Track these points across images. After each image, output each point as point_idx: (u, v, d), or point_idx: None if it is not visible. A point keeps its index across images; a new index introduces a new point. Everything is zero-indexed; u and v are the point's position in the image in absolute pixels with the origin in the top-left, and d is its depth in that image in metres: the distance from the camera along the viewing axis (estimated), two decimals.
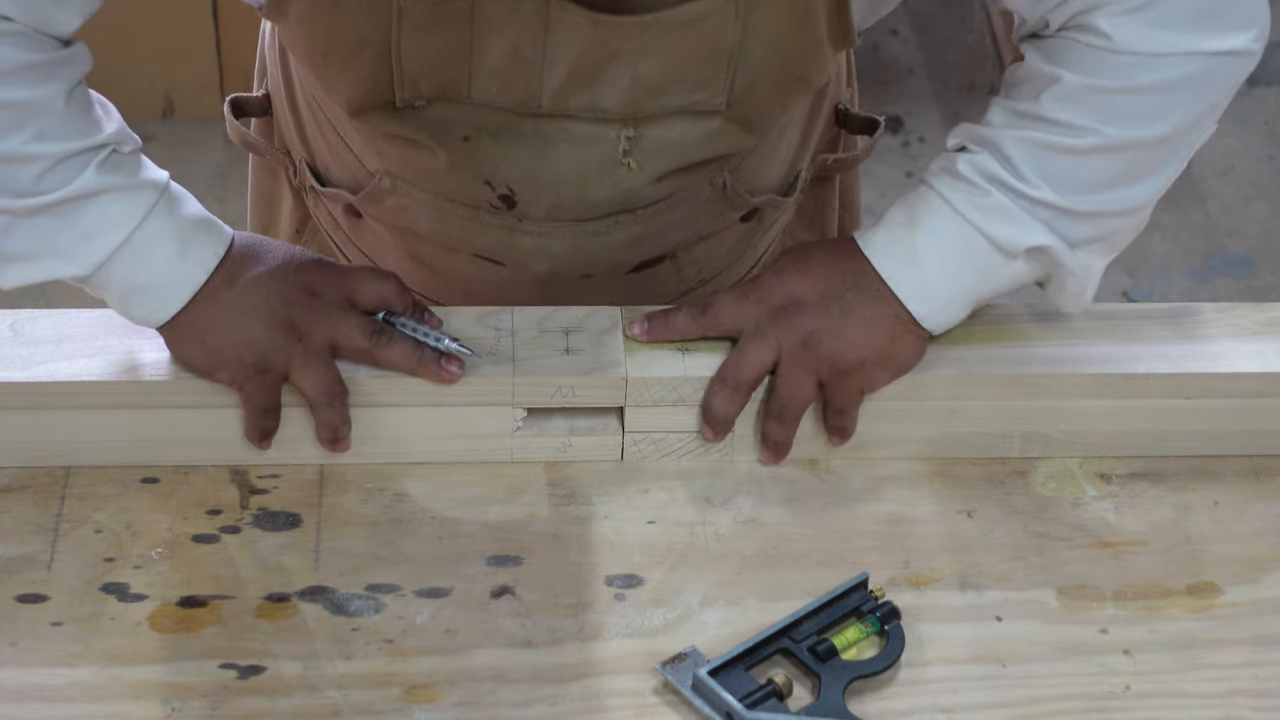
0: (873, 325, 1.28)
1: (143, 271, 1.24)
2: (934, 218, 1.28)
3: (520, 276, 1.42)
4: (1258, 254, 3.26)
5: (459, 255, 1.43)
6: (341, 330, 1.26)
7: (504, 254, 1.40)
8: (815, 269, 1.29)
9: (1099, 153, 1.25)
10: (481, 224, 1.38)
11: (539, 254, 1.39)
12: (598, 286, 1.42)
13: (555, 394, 1.29)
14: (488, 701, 1.16)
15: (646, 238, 1.40)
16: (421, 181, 1.37)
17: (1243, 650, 1.21)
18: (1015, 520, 1.30)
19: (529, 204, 1.35)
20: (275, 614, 1.20)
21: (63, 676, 1.16)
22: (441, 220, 1.39)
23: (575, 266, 1.40)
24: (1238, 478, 1.34)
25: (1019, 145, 1.26)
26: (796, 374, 1.28)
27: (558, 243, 1.38)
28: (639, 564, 1.25)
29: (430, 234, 1.41)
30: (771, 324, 1.28)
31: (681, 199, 1.39)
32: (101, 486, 1.28)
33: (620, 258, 1.41)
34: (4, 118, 1.19)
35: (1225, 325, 1.36)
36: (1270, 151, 3.49)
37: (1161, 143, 1.26)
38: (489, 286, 1.43)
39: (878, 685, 1.18)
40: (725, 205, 1.42)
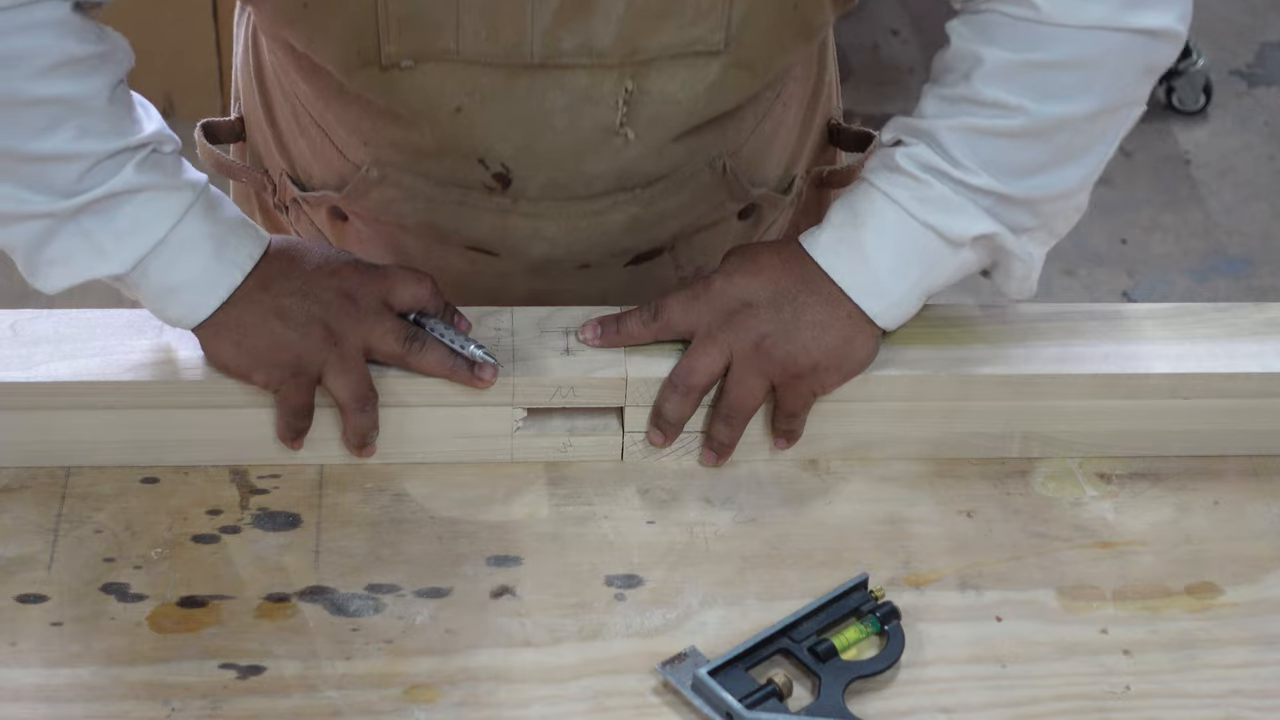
0: (825, 327, 1.27)
1: (178, 271, 1.24)
2: (878, 214, 1.28)
3: (515, 268, 1.40)
4: (1257, 254, 3.26)
5: (450, 249, 1.41)
6: (376, 335, 1.26)
7: (498, 242, 1.39)
8: (765, 270, 1.29)
9: (1030, 135, 1.25)
10: (474, 209, 1.37)
11: (534, 238, 1.38)
12: (595, 279, 1.41)
13: (555, 394, 1.29)
14: (488, 701, 1.16)
15: (645, 223, 1.39)
16: (411, 166, 1.36)
17: (1243, 650, 1.21)
18: (1015, 520, 1.30)
19: (524, 181, 1.34)
20: (275, 614, 1.20)
21: (63, 676, 1.16)
22: (431, 209, 1.38)
23: (572, 253, 1.39)
24: (1238, 478, 1.34)
25: (954, 134, 1.26)
26: (748, 378, 1.27)
27: (553, 225, 1.37)
28: (639, 564, 1.25)
29: (420, 226, 1.40)
30: (723, 328, 1.27)
31: (680, 181, 1.37)
32: (101, 486, 1.28)
33: (618, 244, 1.40)
34: (47, 114, 1.19)
35: (1225, 325, 1.36)
36: (1270, 151, 3.49)
37: (1089, 121, 1.26)
38: (483, 282, 1.42)
39: (878, 685, 1.18)
40: (724, 193, 1.41)
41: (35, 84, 1.18)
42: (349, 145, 1.39)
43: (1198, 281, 3.18)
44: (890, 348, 1.32)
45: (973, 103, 1.25)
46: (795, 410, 1.29)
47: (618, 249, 1.40)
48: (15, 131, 1.19)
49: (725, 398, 1.28)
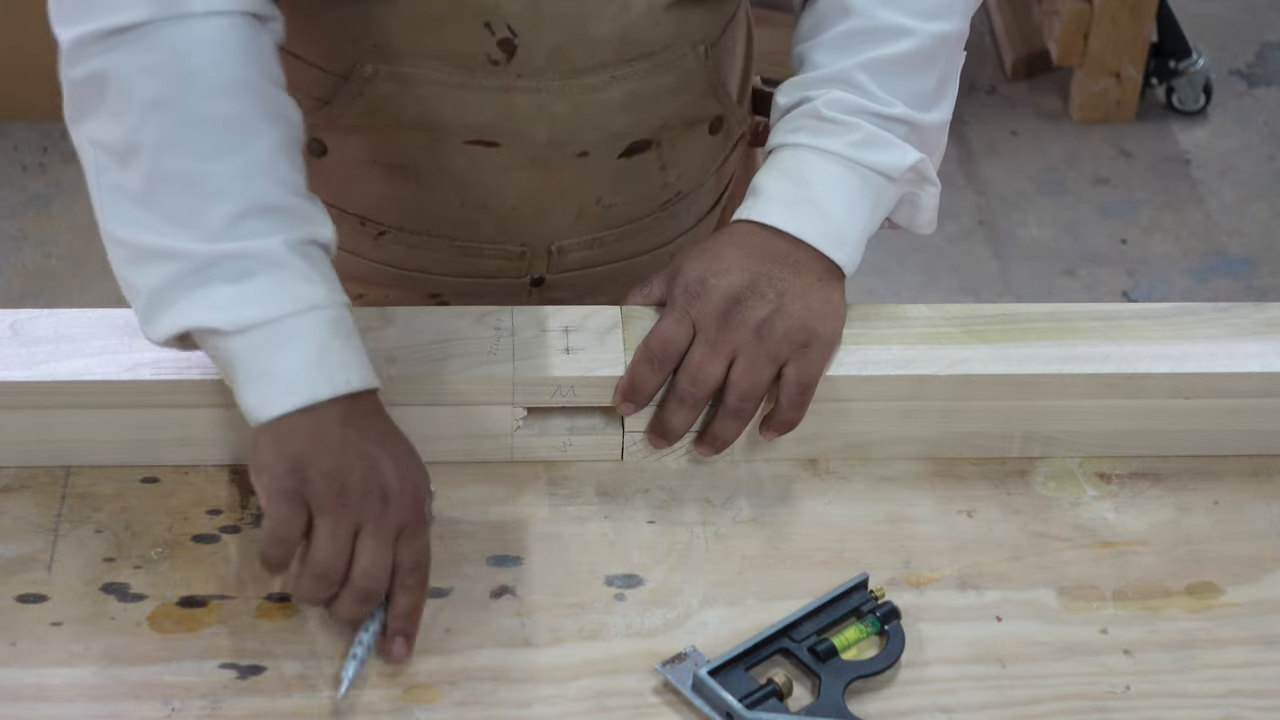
0: (806, 294, 1.29)
1: (280, 356, 1.17)
2: (819, 169, 1.32)
3: (515, 160, 1.38)
4: (1257, 254, 3.26)
5: (449, 147, 1.38)
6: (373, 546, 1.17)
7: (500, 127, 1.37)
8: (730, 263, 1.30)
9: (921, 59, 1.33)
10: (477, 89, 1.34)
11: (538, 118, 1.36)
12: (590, 173, 1.40)
13: (555, 393, 1.29)
14: (488, 701, 1.16)
15: (640, 101, 1.38)
16: (413, 47, 1.33)
17: (1243, 650, 1.21)
18: (1015, 520, 1.30)
19: (529, 49, 1.33)
20: (275, 614, 1.20)
21: (63, 676, 1.16)
22: (433, 97, 1.35)
23: (573, 135, 1.38)
24: (1238, 478, 1.34)
25: (862, 70, 1.32)
26: (756, 365, 1.28)
27: (557, 102, 1.35)
28: (639, 564, 1.25)
29: (417, 122, 1.37)
30: (721, 331, 1.28)
31: (670, 60, 1.37)
32: (102, 486, 1.28)
33: (615, 127, 1.39)
34: (220, 136, 1.16)
35: (1225, 325, 1.36)
36: (1270, 151, 3.49)
37: (956, 40, 1.36)
38: (482, 180, 1.40)
39: (878, 685, 1.18)
40: (704, 84, 1.41)
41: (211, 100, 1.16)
42: (334, 52, 1.35)
43: (1198, 281, 3.18)
44: (890, 347, 1.32)
45: (866, 34, 1.32)
46: (809, 381, 1.29)
47: (614, 132, 1.39)
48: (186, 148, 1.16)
49: (734, 389, 1.28)
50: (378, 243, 1.45)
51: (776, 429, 1.30)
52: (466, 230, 1.43)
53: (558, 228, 1.44)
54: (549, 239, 1.44)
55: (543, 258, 1.45)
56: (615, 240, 1.46)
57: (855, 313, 1.36)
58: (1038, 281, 3.15)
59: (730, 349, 1.28)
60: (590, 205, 1.42)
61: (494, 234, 1.43)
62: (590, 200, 1.41)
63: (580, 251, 1.46)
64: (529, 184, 1.40)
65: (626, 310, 1.33)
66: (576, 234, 1.44)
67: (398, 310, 1.33)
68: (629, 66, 1.36)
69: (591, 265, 1.47)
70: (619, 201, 1.42)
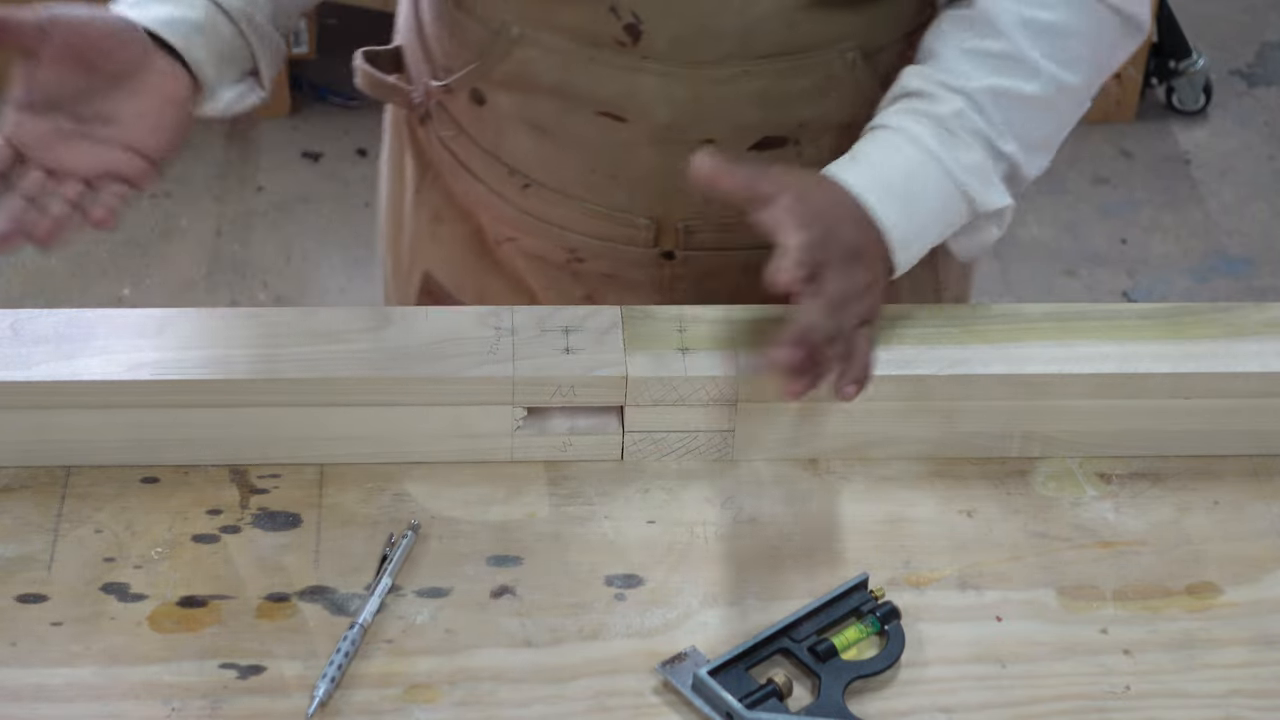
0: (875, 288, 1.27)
1: None
2: (927, 176, 1.30)
3: (640, 136, 1.40)
4: (1257, 254, 3.26)
5: (581, 115, 1.41)
6: None
7: (626, 103, 1.39)
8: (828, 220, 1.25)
9: (1044, 103, 1.32)
10: (605, 66, 1.37)
11: (660, 99, 1.38)
12: None
13: (555, 393, 1.29)
14: (488, 701, 1.16)
15: (771, 101, 1.39)
16: (547, 19, 1.37)
17: (1243, 650, 1.21)
18: (1015, 520, 1.30)
19: (653, 36, 1.35)
20: (275, 614, 1.21)
21: (63, 676, 1.16)
22: (566, 68, 1.39)
23: (696, 121, 1.39)
24: (1238, 478, 1.34)
25: (988, 96, 1.31)
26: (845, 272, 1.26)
27: (679, 87, 1.37)
28: (639, 564, 1.25)
29: (554, 88, 1.40)
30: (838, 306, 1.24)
31: (809, 65, 1.38)
32: (102, 486, 1.28)
33: (743, 119, 1.40)
34: None
35: (1225, 325, 1.36)
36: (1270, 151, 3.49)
37: (1081, 94, 1.35)
38: (609, 150, 1.42)
39: (878, 685, 1.18)
40: (855, 92, 1.40)
41: None
42: (490, 14, 1.40)
43: (1198, 281, 3.19)
44: (890, 348, 1.32)
45: (1004, 60, 1.31)
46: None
47: (743, 125, 1.40)
48: None
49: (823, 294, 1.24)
50: (523, 193, 1.48)
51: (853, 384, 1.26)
52: (599, 195, 1.46)
53: (686, 207, 1.45)
54: (677, 217, 1.46)
55: (671, 234, 1.47)
56: (746, 228, 1.44)
57: None
58: (1038, 281, 3.15)
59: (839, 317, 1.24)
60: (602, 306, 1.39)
61: (625, 203, 1.45)
62: None
63: (709, 234, 1.47)
64: (655, 161, 1.42)
65: (626, 310, 1.33)
66: (705, 216, 1.45)
67: (397, 310, 1.33)
68: (759, 63, 1.37)
69: (722, 248, 1.47)
70: None
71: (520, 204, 1.49)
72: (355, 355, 1.29)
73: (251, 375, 1.28)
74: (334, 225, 3.23)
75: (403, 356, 1.29)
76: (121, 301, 3.06)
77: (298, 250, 3.17)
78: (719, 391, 1.30)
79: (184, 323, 1.31)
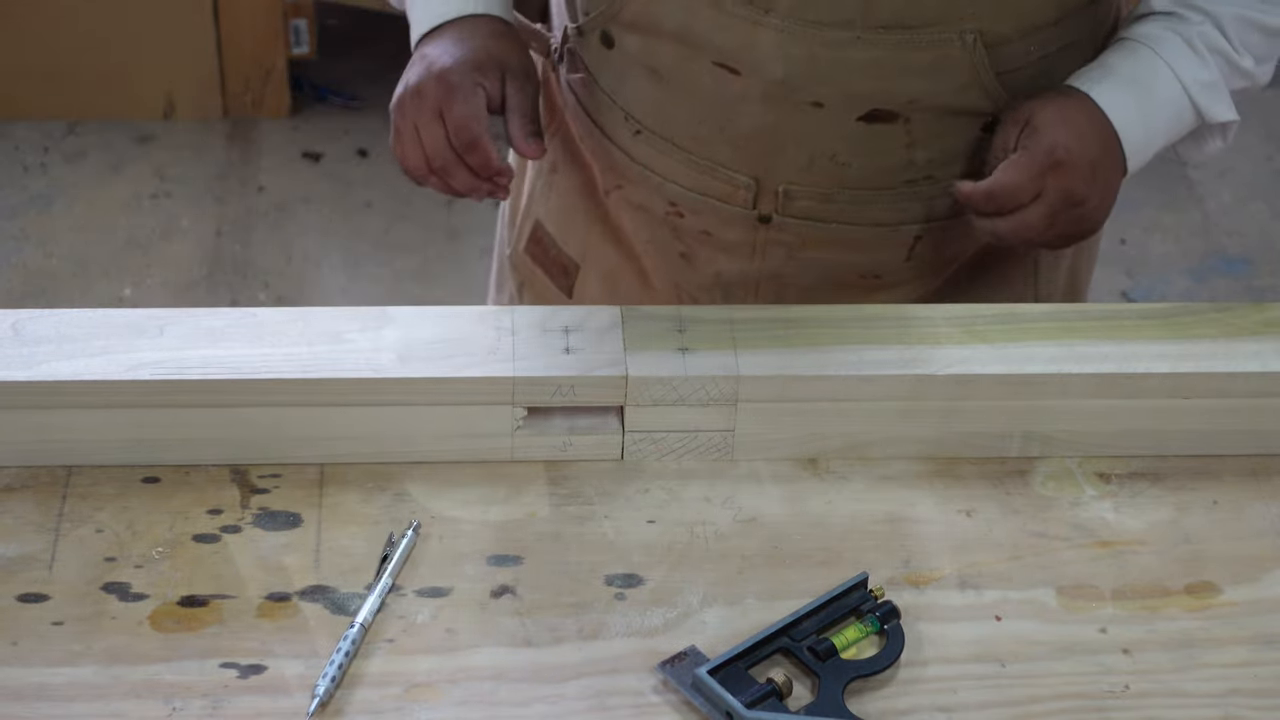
0: (1111, 192, 1.42)
1: None
2: (1167, 89, 1.42)
3: (752, 91, 1.42)
4: (1256, 254, 3.26)
5: (698, 64, 1.43)
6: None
7: (742, 56, 1.41)
8: (1090, 142, 1.40)
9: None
10: (726, 15, 1.39)
11: (775, 56, 1.40)
12: (824, 125, 1.43)
13: (555, 393, 1.29)
14: (488, 701, 1.16)
15: (884, 70, 1.40)
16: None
17: (1242, 650, 1.21)
18: (1015, 520, 1.30)
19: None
20: (276, 613, 1.21)
21: (64, 676, 1.16)
22: (689, 13, 1.41)
23: (810, 80, 1.40)
24: (1237, 478, 1.34)
25: (1235, 22, 1.43)
26: (1036, 211, 1.39)
27: (797, 45, 1.39)
28: (639, 564, 1.25)
29: (675, 34, 1.43)
30: (1061, 212, 1.39)
31: (925, 40, 1.39)
32: (102, 486, 1.28)
33: (854, 88, 1.41)
34: None
35: (1225, 325, 1.36)
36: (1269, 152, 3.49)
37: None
38: (720, 103, 1.44)
39: (877, 685, 1.18)
40: (970, 74, 1.41)
41: None
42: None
43: (1197, 281, 3.19)
44: (890, 347, 1.32)
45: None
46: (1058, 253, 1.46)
47: (854, 93, 1.41)
48: None
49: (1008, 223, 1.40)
50: (634, 139, 1.51)
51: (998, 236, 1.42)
52: (704, 148, 1.48)
53: (788, 170, 1.46)
54: (778, 180, 1.47)
55: (770, 196, 1.48)
56: (849, 202, 1.48)
57: (855, 313, 1.36)
58: None
59: (1059, 222, 1.39)
60: (822, 158, 1.44)
61: (728, 159, 1.47)
62: (823, 153, 1.44)
63: (808, 201, 1.48)
64: (763, 119, 1.43)
65: (626, 310, 1.34)
66: (805, 182, 1.47)
67: (398, 310, 1.33)
68: (877, 34, 1.38)
69: (820, 219, 1.49)
70: (854, 163, 1.44)
71: (630, 150, 1.52)
72: (356, 355, 1.29)
73: (251, 375, 1.28)
74: (334, 225, 3.23)
75: (403, 356, 1.29)
76: (122, 301, 3.06)
77: (298, 250, 3.17)
78: (719, 391, 1.30)
79: (184, 322, 1.31)
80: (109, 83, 3.34)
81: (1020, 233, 1.39)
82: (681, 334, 1.33)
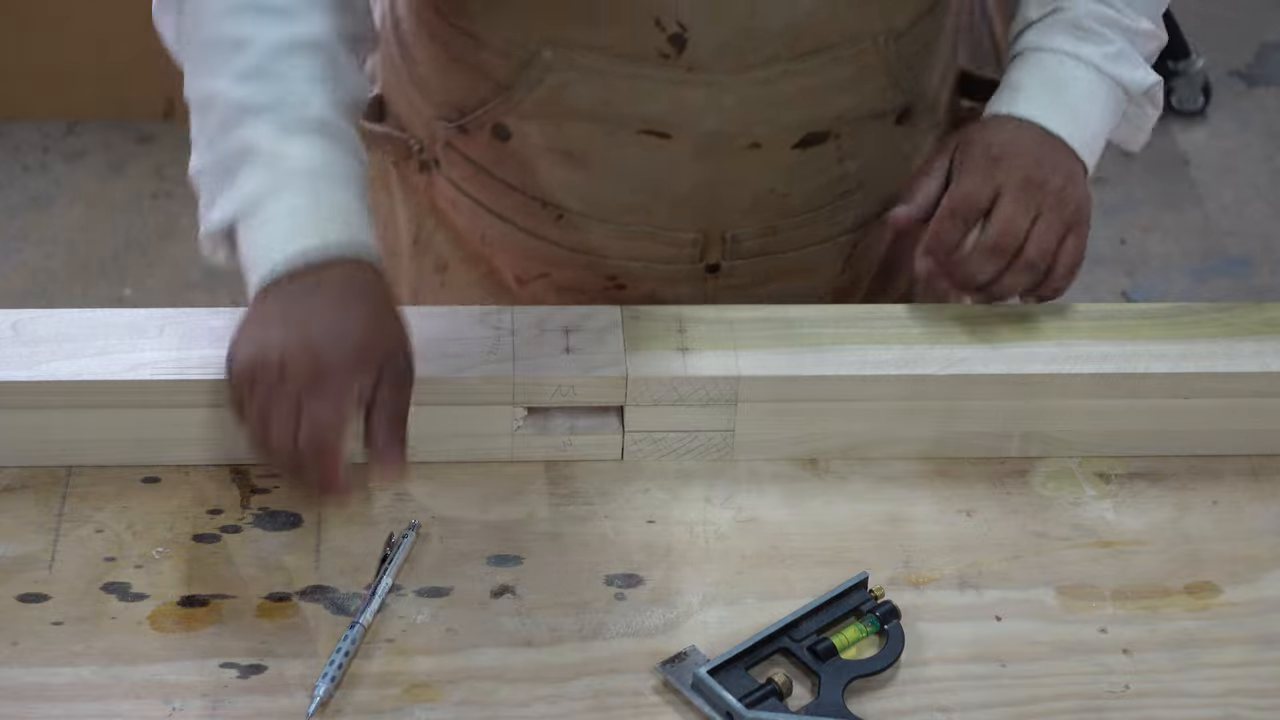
0: (1081, 180, 1.36)
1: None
2: (1077, 78, 1.38)
3: (685, 151, 1.39)
4: (1256, 254, 3.26)
5: (622, 136, 1.40)
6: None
7: (671, 118, 1.38)
8: (1021, 136, 1.36)
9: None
10: (648, 81, 1.36)
11: (708, 111, 1.37)
12: (763, 164, 1.41)
13: (555, 393, 1.29)
14: (488, 701, 1.16)
15: (814, 95, 1.39)
16: (586, 40, 1.35)
17: (1242, 650, 1.21)
18: (1015, 520, 1.30)
19: (699, 44, 1.34)
20: (276, 613, 1.21)
21: (64, 676, 1.16)
22: (605, 88, 1.37)
23: (743, 127, 1.39)
24: (1237, 477, 1.34)
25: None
26: (1054, 228, 1.33)
27: (727, 95, 1.36)
28: (639, 564, 1.25)
29: (593, 110, 1.39)
30: (1026, 191, 1.33)
31: (845, 55, 1.38)
32: (102, 486, 1.28)
33: (788, 119, 1.40)
34: None
35: (1225, 325, 1.36)
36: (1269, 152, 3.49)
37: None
38: (652, 169, 1.41)
39: (877, 685, 1.18)
40: (885, 78, 1.41)
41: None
42: (516, 41, 1.38)
43: (1197, 281, 3.19)
44: (890, 347, 1.32)
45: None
46: (1081, 257, 1.35)
47: (787, 124, 1.40)
48: None
49: (1036, 244, 1.33)
50: (557, 225, 1.46)
51: (1047, 296, 1.35)
52: (640, 217, 1.44)
53: (731, 217, 1.45)
54: (723, 227, 1.45)
55: (717, 245, 1.46)
56: (792, 229, 1.47)
57: (855, 313, 1.36)
58: None
59: (1035, 207, 1.33)
60: (764, 195, 1.43)
61: (667, 221, 1.44)
62: (764, 190, 1.42)
63: (755, 240, 1.46)
64: (701, 174, 1.41)
65: (627, 310, 1.33)
66: (750, 223, 1.45)
67: None
68: (802, 61, 1.37)
69: (768, 253, 1.47)
70: (794, 192, 1.43)
71: (554, 237, 1.47)
72: None
73: None
74: None
75: None
76: (122, 301, 3.06)
77: None
78: (719, 391, 1.30)
79: (184, 323, 1.31)
80: (109, 83, 3.34)
81: (1010, 232, 1.34)
82: (681, 334, 1.33)
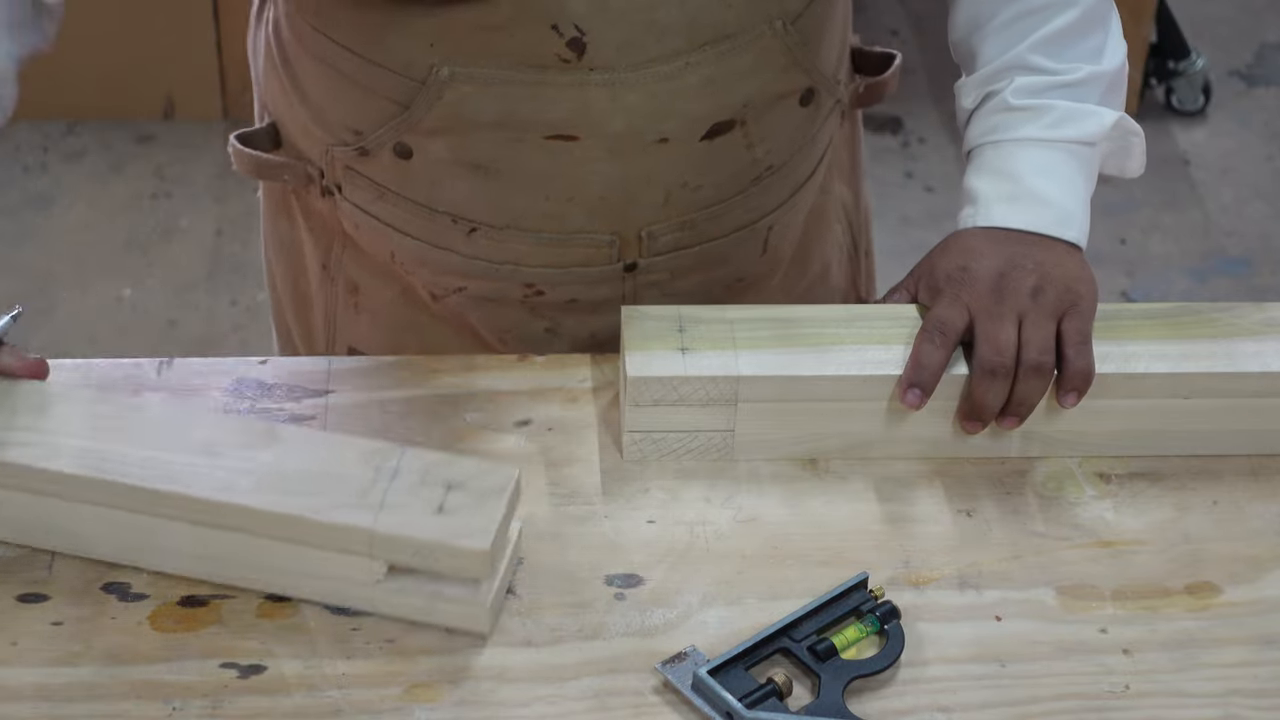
0: (1062, 263, 1.34)
1: None
2: (1027, 161, 1.37)
3: (594, 152, 1.39)
4: (1256, 254, 3.26)
5: (528, 145, 1.39)
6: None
7: (577, 121, 1.37)
8: (984, 249, 1.35)
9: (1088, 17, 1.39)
10: (550, 87, 1.35)
11: (613, 110, 1.37)
12: (673, 159, 1.40)
13: (414, 555, 1.17)
14: (488, 701, 1.16)
15: (718, 85, 1.38)
16: (484, 50, 1.34)
17: (1242, 650, 1.21)
18: (1015, 520, 1.30)
19: (599, 45, 1.33)
20: (276, 613, 1.21)
21: (64, 676, 1.16)
22: (507, 97, 1.36)
23: (651, 123, 1.38)
24: (1237, 477, 1.34)
25: (1037, 52, 1.38)
26: (1042, 322, 1.31)
27: (631, 93, 1.36)
28: (639, 564, 1.25)
29: (496, 121, 1.38)
30: (999, 301, 1.32)
31: (745, 42, 1.37)
32: None
33: (694, 111, 1.39)
34: None
35: (1225, 325, 1.36)
36: (1269, 152, 3.49)
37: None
38: (562, 174, 1.40)
39: (877, 685, 1.18)
40: (786, 59, 1.41)
41: None
42: (412, 60, 1.37)
43: (1197, 281, 3.19)
44: (890, 347, 1.32)
45: (1032, 13, 1.39)
46: (1087, 331, 1.32)
47: (694, 117, 1.39)
48: None
49: (1031, 345, 1.30)
50: (470, 239, 1.45)
51: (1074, 385, 1.31)
52: (554, 223, 1.43)
53: (646, 214, 1.44)
54: (638, 225, 1.44)
55: (634, 244, 1.45)
56: (707, 220, 1.46)
57: (855, 313, 1.36)
58: None
59: (1015, 314, 1.32)
60: (677, 189, 1.42)
61: (582, 224, 1.43)
62: (676, 184, 1.41)
63: (671, 235, 1.45)
64: (612, 174, 1.40)
65: (627, 310, 1.33)
66: (666, 218, 1.44)
67: (284, 428, 1.24)
68: (702, 52, 1.36)
69: (684, 247, 1.47)
70: (706, 183, 1.42)
71: (467, 251, 1.46)
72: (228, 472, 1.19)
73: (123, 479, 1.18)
74: None
75: (269, 485, 1.18)
76: (122, 301, 3.07)
77: None
78: (719, 391, 1.30)
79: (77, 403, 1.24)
80: (109, 83, 3.34)
81: (997, 349, 1.30)
82: (681, 334, 1.33)
